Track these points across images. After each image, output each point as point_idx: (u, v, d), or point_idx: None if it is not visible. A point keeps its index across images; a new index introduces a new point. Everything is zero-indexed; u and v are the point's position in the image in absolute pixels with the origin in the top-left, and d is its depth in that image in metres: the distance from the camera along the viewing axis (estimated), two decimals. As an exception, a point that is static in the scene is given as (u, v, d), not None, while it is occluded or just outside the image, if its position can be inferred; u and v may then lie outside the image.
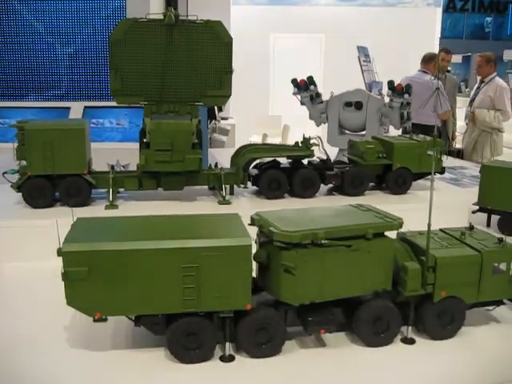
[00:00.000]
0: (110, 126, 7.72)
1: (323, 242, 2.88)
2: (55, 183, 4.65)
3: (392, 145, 5.29)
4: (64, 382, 2.80)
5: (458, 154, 11.02)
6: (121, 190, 4.90)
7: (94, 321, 2.85)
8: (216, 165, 5.16)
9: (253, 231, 3.05)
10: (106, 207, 4.68)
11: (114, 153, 6.52)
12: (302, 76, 7.51)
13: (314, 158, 5.34)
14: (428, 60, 11.09)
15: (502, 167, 5.04)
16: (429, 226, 3.17)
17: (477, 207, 5.09)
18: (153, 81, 4.61)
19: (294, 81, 7.67)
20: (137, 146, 4.78)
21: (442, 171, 5.61)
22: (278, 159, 5.18)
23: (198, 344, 2.91)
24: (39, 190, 4.58)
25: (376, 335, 3.13)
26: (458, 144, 11.88)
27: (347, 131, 7.76)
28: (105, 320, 2.86)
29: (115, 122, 7.72)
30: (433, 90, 9.42)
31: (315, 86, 7.65)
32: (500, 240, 3.33)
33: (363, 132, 7.54)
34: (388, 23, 19.59)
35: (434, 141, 4.33)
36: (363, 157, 5.30)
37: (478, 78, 11.30)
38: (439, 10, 21.50)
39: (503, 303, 3.39)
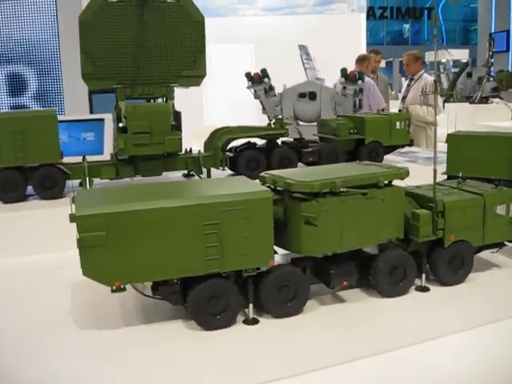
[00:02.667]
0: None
1: (342, 190, 2.86)
2: (27, 175, 4.39)
3: (363, 119, 5.38)
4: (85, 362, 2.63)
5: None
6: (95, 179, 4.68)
7: (113, 291, 2.67)
8: (191, 149, 5.04)
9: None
10: (84, 197, 4.45)
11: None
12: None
13: (287, 138, 5.34)
14: (361, 60, 11.46)
15: (467, 135, 5.21)
16: (434, 171, 3.23)
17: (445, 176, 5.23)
18: (125, 63, 4.46)
19: (247, 74, 7.69)
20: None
21: (410, 143, 5.76)
22: (252, 141, 5.14)
23: (222, 308, 2.79)
24: (11, 183, 4.31)
25: (394, 285, 3.13)
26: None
27: (301, 122, 7.83)
28: (123, 290, 2.69)
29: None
30: (368, 89, 9.73)
31: (269, 78, 7.69)
32: (496, 185, 3.44)
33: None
34: (316, 30, 20.05)
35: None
36: (335, 133, 5.35)
37: (404, 80, 11.77)
38: (363, 16, 22.24)
39: (504, 245, 3.49)
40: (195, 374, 2.44)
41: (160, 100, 4.68)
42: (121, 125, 4.49)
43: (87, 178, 4.46)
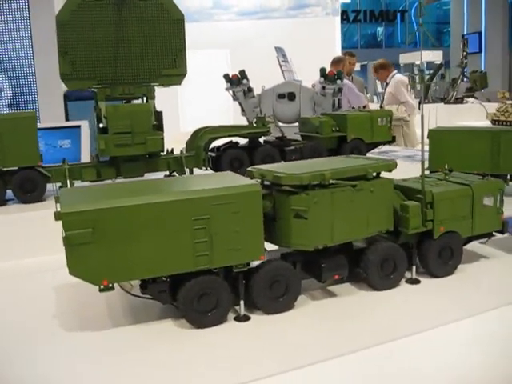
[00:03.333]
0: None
1: (331, 181, 2.83)
2: (5, 179, 4.27)
3: (345, 117, 5.38)
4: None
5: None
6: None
7: (101, 290, 2.59)
8: (172, 150, 4.97)
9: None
10: (65, 200, 4.34)
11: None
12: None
13: (270, 137, 5.31)
14: (336, 62, 11.56)
15: (449, 130, 5.26)
16: (422, 163, 3.21)
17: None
18: (105, 62, 4.37)
19: (226, 76, 7.64)
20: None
21: (392, 140, 5.77)
22: (235, 140, 5.10)
23: (213, 305, 2.73)
24: (-11, 188, 4.19)
25: (385, 278, 3.11)
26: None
27: (281, 123, 7.80)
28: (111, 289, 2.61)
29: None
30: (347, 89, 9.77)
31: (248, 80, 7.66)
32: (482, 176, 3.45)
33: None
34: (291, 34, 20.09)
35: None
36: (318, 131, 5.33)
37: (379, 83, 11.94)
38: (338, 19, 22.38)
39: (493, 235, 3.49)
40: (189, 373, 2.38)
41: (140, 100, 4.60)
42: (101, 125, 4.40)
43: (68, 181, 4.36)
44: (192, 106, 16.96)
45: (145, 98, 4.56)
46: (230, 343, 2.62)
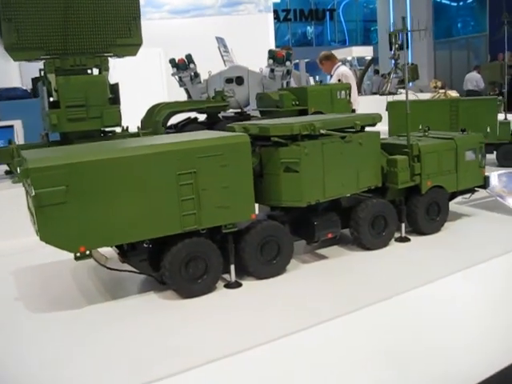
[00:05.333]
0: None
1: (322, 132, 2.64)
2: None
3: (305, 90, 5.24)
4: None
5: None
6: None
7: (76, 258, 2.28)
8: (127, 128, 4.64)
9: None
10: (14, 181, 3.94)
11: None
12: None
13: (228, 113, 5.08)
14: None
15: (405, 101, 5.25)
16: (407, 116, 3.09)
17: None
18: (53, 31, 4.00)
19: (172, 61, 7.37)
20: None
21: (352, 112, 5.68)
22: (193, 116, 4.84)
23: (202, 271, 2.48)
24: None
25: (376, 236, 2.96)
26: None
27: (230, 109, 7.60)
28: (88, 256, 2.31)
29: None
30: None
31: (194, 64, 7.40)
32: (463, 130, 3.38)
33: (248, 107, 7.42)
34: (225, 31, 19.91)
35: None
36: (278, 105, 5.15)
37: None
38: (271, 16, 22.39)
39: (475, 190, 3.43)
40: (185, 345, 2.10)
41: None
42: (52, 99, 4.02)
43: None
44: (126, 107, 16.38)
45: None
46: (223, 312, 2.37)
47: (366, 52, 24.52)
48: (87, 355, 2.05)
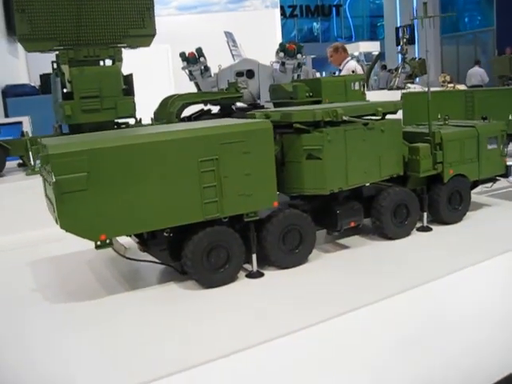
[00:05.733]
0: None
1: (344, 118, 2.59)
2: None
3: (319, 81, 5.18)
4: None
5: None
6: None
7: (97, 247, 2.23)
8: (141, 120, 4.60)
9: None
10: (28, 173, 3.91)
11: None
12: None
13: (242, 104, 5.03)
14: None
15: (421, 92, 5.21)
16: (428, 103, 3.03)
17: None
18: (67, 21, 3.95)
19: (182, 54, 7.29)
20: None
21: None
22: (206, 108, 4.79)
23: (223, 261, 2.43)
24: None
25: (398, 225, 2.90)
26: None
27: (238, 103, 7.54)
28: (109, 245, 2.26)
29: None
30: None
31: (205, 58, 7.34)
32: (484, 118, 3.32)
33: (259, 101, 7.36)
34: (232, 27, 19.85)
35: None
36: (292, 97, 5.10)
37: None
38: (277, 11, 22.32)
39: (497, 180, 3.37)
40: (210, 334, 2.06)
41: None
42: (65, 90, 3.98)
43: (30, 154, 3.93)
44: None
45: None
46: (246, 301, 2.32)
47: (373, 47, 24.44)
48: (105, 346, 2.02)
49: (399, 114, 3.30)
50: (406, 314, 2.35)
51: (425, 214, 3.03)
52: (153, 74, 19.07)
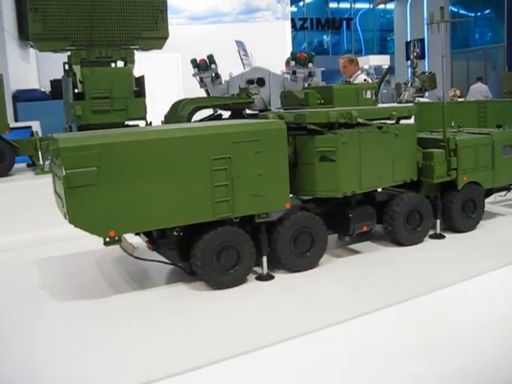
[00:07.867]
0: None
1: (359, 121, 2.55)
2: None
3: (331, 88, 5.13)
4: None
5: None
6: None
7: (106, 243, 2.20)
8: (151, 123, 4.58)
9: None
10: (37, 173, 3.89)
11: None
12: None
13: (252, 111, 5.01)
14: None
15: (435, 102, 5.18)
16: (443, 109, 2.99)
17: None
18: (80, 22, 3.95)
19: (193, 61, 7.28)
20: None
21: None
22: (217, 113, 4.77)
23: (234, 262, 2.38)
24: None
25: (411, 231, 2.85)
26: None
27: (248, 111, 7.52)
28: (118, 241, 2.23)
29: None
30: None
31: (216, 65, 7.32)
32: (499, 126, 3.27)
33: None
34: (242, 38, 19.93)
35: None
36: (303, 103, 5.05)
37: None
38: (288, 23, 22.38)
39: (511, 188, 3.32)
40: (215, 338, 2.00)
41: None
42: (76, 91, 3.97)
43: (40, 153, 3.92)
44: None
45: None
46: (256, 304, 2.27)
47: (383, 61, 24.45)
48: (112, 345, 1.98)
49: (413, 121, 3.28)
50: (418, 320, 2.28)
51: (438, 221, 2.98)
52: (163, 82, 19.15)
